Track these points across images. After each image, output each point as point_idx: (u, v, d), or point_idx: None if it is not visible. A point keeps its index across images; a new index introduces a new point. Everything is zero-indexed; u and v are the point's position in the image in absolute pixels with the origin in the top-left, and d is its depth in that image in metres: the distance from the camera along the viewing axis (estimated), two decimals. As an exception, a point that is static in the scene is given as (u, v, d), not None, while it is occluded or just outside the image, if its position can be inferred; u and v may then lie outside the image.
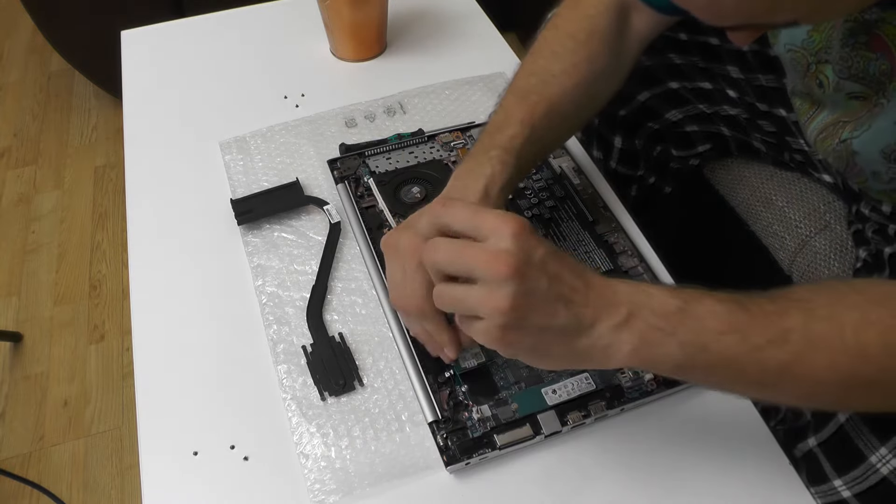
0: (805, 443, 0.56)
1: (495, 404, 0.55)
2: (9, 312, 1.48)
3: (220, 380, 0.58)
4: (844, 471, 0.52)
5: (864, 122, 0.57)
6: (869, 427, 0.52)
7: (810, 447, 0.55)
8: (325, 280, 0.64)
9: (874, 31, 0.53)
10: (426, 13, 0.94)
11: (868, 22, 0.53)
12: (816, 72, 0.60)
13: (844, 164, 0.61)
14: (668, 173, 0.89)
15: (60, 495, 1.18)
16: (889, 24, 0.52)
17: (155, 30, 0.93)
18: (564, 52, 0.61)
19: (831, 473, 0.53)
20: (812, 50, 0.59)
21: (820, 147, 0.64)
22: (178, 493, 0.52)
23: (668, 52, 0.78)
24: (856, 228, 0.72)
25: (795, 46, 0.61)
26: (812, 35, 0.58)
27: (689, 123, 0.82)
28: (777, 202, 0.81)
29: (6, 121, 1.90)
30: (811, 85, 0.62)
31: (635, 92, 0.80)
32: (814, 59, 0.60)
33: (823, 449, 0.54)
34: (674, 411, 0.56)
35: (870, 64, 0.55)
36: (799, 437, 0.57)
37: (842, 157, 0.61)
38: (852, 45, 0.55)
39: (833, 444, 0.54)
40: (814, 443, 0.55)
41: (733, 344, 0.42)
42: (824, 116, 0.62)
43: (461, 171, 0.57)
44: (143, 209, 0.72)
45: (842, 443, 0.53)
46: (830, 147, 0.61)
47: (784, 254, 0.79)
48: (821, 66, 0.59)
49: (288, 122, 0.79)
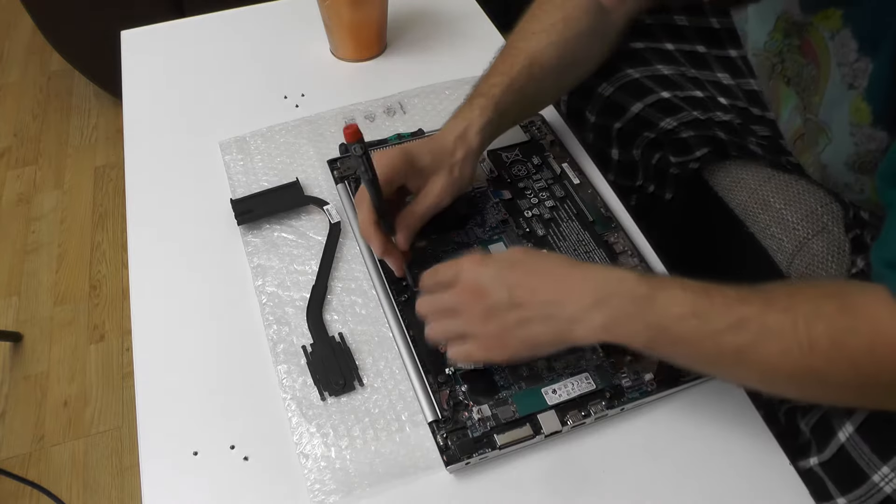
0: (806, 461, 0.56)
1: (495, 404, 0.55)
2: (9, 312, 1.48)
3: (220, 380, 0.58)
4: (848, 490, 0.53)
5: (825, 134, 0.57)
6: (870, 446, 0.52)
7: (811, 465, 0.55)
8: (325, 280, 0.64)
9: (805, 35, 0.53)
10: (426, 13, 0.94)
11: (798, 24, 0.53)
12: (782, 71, 0.60)
13: (821, 175, 0.62)
14: (667, 180, 0.89)
15: (60, 495, 1.18)
16: (815, 29, 0.52)
17: (155, 30, 0.93)
18: (542, 13, 0.68)
19: (835, 492, 0.53)
20: (774, 51, 0.60)
21: (800, 159, 0.65)
22: (178, 493, 0.52)
23: (655, 63, 0.77)
24: (854, 234, 0.72)
25: (759, 50, 0.62)
26: (773, 36, 0.59)
27: (685, 130, 0.82)
28: (775, 204, 0.81)
29: (6, 121, 1.90)
30: (778, 85, 0.62)
31: (628, 104, 0.80)
32: (777, 59, 0.60)
33: (826, 469, 0.54)
34: (674, 411, 0.56)
35: (802, 69, 0.55)
36: (800, 455, 0.56)
37: (818, 169, 0.61)
38: (787, 47, 0.56)
39: (835, 465, 0.54)
40: (815, 462, 0.55)
41: (692, 328, 0.47)
42: (789, 117, 0.63)
43: (453, 116, 0.65)
44: (143, 209, 0.72)
45: (844, 463, 0.53)
46: (809, 160, 0.62)
47: (782, 256, 0.79)
48: (784, 66, 0.60)
49: (288, 122, 0.79)
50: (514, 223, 0.68)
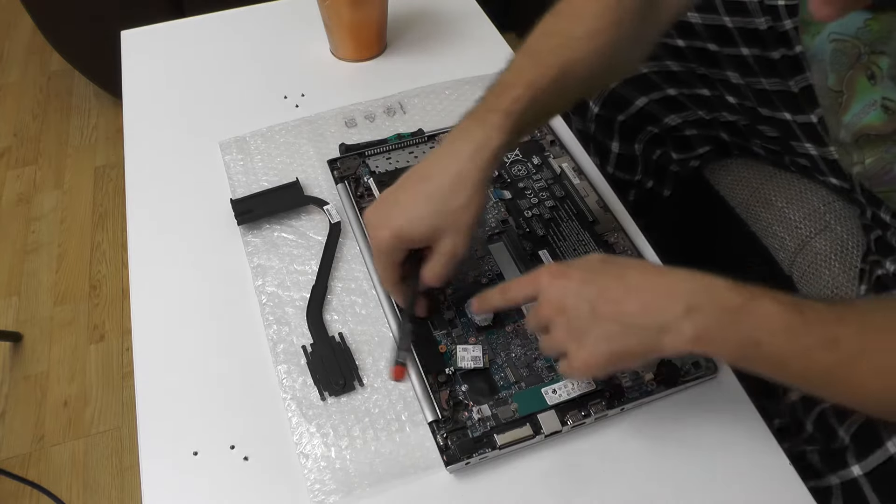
0: (848, 470, 0.54)
1: (495, 404, 0.55)
2: (9, 312, 1.48)
3: (220, 380, 0.58)
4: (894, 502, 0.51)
5: None
6: None
7: (854, 476, 0.54)
8: (325, 280, 0.64)
9: None
10: (426, 13, 0.94)
11: None
12: (869, 62, 0.58)
13: (881, 169, 0.60)
14: (667, 176, 0.89)
15: (60, 495, 1.18)
16: None
17: (155, 30, 0.93)
18: (588, 14, 0.56)
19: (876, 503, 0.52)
20: (867, 40, 0.57)
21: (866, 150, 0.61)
22: (178, 493, 0.52)
23: (665, 58, 0.77)
24: (877, 235, 0.70)
25: (846, 36, 0.58)
26: (869, 24, 0.56)
27: (689, 128, 0.82)
28: (777, 203, 0.81)
29: (6, 121, 1.90)
30: (857, 76, 0.59)
31: (633, 98, 0.80)
32: (867, 49, 0.57)
33: (870, 479, 0.53)
34: (674, 411, 0.56)
35: None
36: (837, 461, 0.55)
37: (885, 160, 0.59)
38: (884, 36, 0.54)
39: (881, 476, 0.52)
40: (859, 472, 0.53)
41: (784, 343, 0.44)
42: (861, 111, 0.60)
43: (456, 132, 0.55)
44: (143, 209, 0.72)
45: (892, 474, 0.52)
46: (880, 151, 0.59)
47: (784, 254, 0.79)
48: (874, 56, 0.57)
49: (288, 122, 0.79)
50: (514, 223, 0.68)
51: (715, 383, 0.57)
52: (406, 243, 0.55)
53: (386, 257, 0.55)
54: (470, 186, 0.53)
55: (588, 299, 0.48)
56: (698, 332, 0.45)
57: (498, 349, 0.58)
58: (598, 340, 0.47)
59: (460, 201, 0.53)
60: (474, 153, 0.53)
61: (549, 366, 0.57)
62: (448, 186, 0.53)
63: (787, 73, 0.73)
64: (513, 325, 0.59)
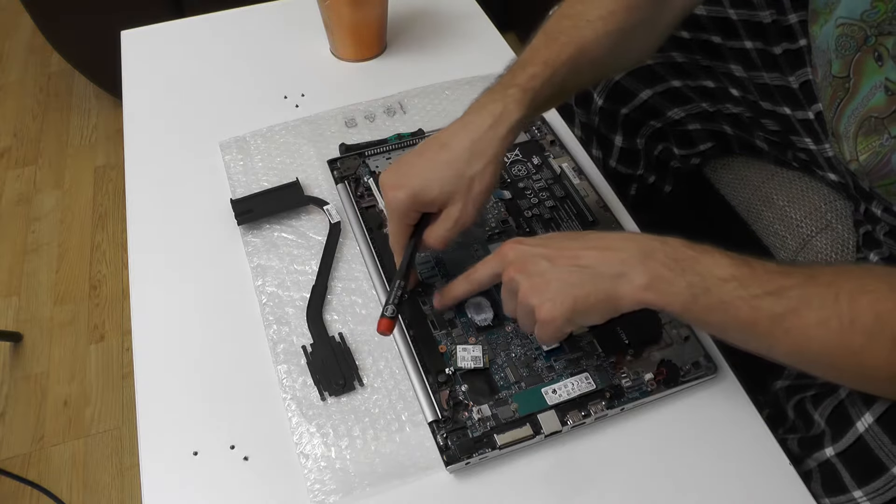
0: (822, 452, 0.55)
1: (495, 404, 0.55)
2: (9, 312, 1.48)
3: (220, 380, 0.58)
4: (865, 482, 0.52)
5: None
6: (890, 437, 0.51)
7: (827, 457, 0.55)
8: (325, 280, 0.64)
9: None
10: (426, 13, 0.94)
11: None
12: (876, 44, 0.57)
13: (878, 161, 0.59)
14: (668, 172, 0.89)
15: (60, 495, 1.18)
16: None
17: (155, 30, 0.93)
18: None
19: (851, 484, 0.52)
20: (874, 21, 0.57)
21: (860, 145, 0.61)
22: (178, 493, 0.52)
23: (670, 50, 0.77)
24: (865, 230, 0.71)
25: (852, 20, 0.59)
26: (876, 5, 0.56)
27: (692, 122, 0.82)
28: (778, 201, 0.81)
29: (6, 121, 1.90)
30: (865, 59, 0.59)
31: (637, 90, 0.80)
32: (874, 31, 0.57)
33: (842, 459, 0.54)
34: (674, 411, 0.56)
35: None
36: (814, 446, 0.56)
37: (881, 154, 0.59)
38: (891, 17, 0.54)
39: (852, 455, 0.53)
40: (831, 452, 0.54)
41: (732, 290, 0.46)
42: (868, 93, 0.60)
43: (476, 106, 0.57)
44: (143, 209, 0.72)
45: (861, 453, 0.52)
46: (876, 143, 0.59)
47: (785, 253, 0.79)
48: (882, 38, 0.57)
49: (288, 122, 0.79)
50: (514, 223, 0.68)
51: (715, 383, 0.57)
52: (419, 205, 0.56)
53: (399, 218, 0.56)
54: (486, 157, 0.55)
55: (546, 256, 0.51)
56: (651, 279, 0.48)
57: (498, 349, 0.58)
58: (559, 288, 0.49)
59: (476, 169, 0.55)
60: (493, 125, 0.55)
61: (549, 366, 0.57)
62: (465, 155, 0.55)
63: (787, 67, 0.73)
64: (513, 326, 0.59)
